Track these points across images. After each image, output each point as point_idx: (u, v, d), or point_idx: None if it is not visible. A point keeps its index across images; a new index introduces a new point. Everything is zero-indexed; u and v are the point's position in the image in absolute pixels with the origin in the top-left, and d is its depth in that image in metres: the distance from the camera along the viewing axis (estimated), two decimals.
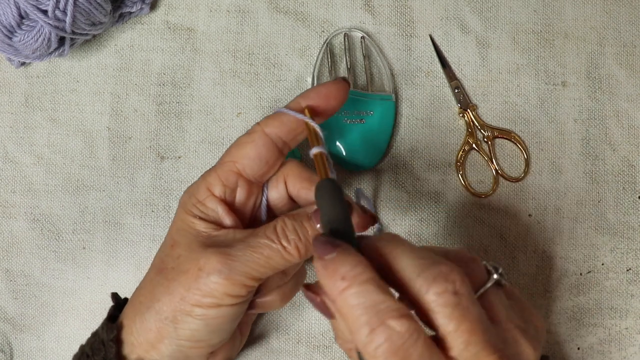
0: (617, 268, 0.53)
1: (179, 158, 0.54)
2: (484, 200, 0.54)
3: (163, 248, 0.42)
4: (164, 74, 0.55)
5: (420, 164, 0.54)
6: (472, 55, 0.55)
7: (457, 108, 0.54)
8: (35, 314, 0.53)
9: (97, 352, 0.40)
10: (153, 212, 0.54)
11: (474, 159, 0.54)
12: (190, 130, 0.54)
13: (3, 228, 0.54)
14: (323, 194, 0.36)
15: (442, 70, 0.55)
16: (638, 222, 0.54)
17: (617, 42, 0.55)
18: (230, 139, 0.54)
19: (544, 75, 0.55)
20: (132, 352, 0.40)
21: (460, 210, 0.54)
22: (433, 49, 0.55)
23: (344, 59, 0.54)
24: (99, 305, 0.52)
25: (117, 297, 0.46)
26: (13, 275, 0.54)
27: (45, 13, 0.47)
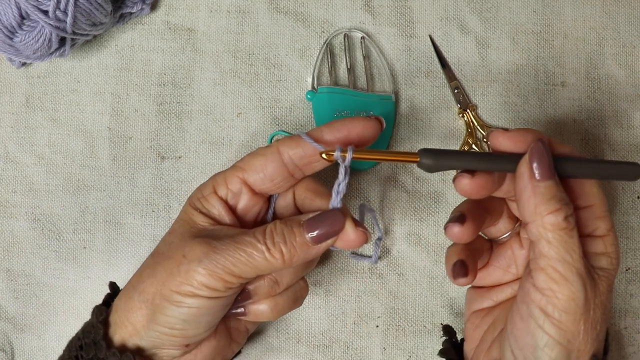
0: None
1: (180, 158, 0.54)
2: None
3: (164, 236, 0.43)
4: (165, 74, 0.55)
5: None
6: (471, 56, 0.55)
7: (456, 108, 0.54)
8: (36, 314, 0.54)
9: (87, 334, 0.41)
10: (153, 212, 0.54)
11: None
12: (191, 130, 0.55)
13: (4, 228, 0.54)
14: None
15: (441, 71, 0.55)
16: (638, 222, 0.54)
17: (616, 42, 0.55)
18: (231, 139, 0.54)
19: (544, 76, 0.55)
20: (115, 332, 0.41)
21: None
22: (433, 49, 0.55)
23: (344, 60, 0.55)
24: None
25: (114, 286, 0.47)
26: (14, 275, 0.54)
27: (46, 13, 0.47)
